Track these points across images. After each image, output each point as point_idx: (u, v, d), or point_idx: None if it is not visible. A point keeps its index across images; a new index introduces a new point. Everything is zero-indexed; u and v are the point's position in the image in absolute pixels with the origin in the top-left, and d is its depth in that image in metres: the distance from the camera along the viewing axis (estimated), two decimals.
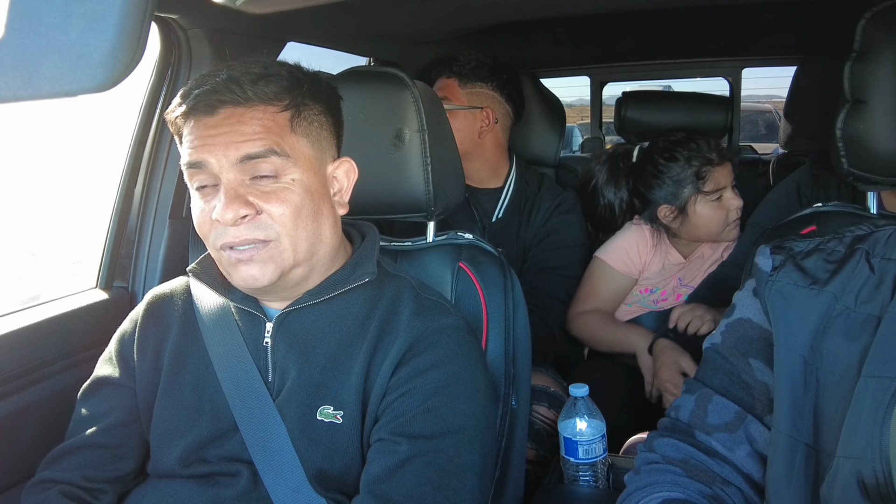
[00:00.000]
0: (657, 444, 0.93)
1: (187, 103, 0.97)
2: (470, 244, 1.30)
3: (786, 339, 0.83)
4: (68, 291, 1.45)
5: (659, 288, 1.95)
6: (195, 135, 0.97)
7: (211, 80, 0.96)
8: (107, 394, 1.10)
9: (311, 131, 1.01)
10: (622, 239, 1.98)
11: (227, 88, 0.95)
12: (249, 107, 0.96)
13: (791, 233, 1.24)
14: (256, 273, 0.97)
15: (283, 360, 1.04)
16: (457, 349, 1.03)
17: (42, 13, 0.54)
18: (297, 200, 0.98)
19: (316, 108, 1.03)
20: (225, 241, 0.97)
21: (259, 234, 0.96)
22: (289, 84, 0.99)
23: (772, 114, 7.85)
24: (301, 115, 1.00)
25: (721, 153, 1.86)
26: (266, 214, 0.96)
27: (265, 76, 0.97)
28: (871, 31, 1.09)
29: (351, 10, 1.57)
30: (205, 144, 0.96)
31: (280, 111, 0.98)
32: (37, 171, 4.10)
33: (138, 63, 0.58)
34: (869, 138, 1.11)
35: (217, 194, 0.96)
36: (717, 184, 1.84)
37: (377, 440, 0.99)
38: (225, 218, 0.94)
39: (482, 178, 1.97)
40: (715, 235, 1.89)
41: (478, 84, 1.92)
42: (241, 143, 0.95)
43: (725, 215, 1.86)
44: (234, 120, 0.95)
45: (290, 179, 0.97)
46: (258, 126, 0.96)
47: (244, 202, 0.95)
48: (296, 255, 0.99)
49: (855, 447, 0.73)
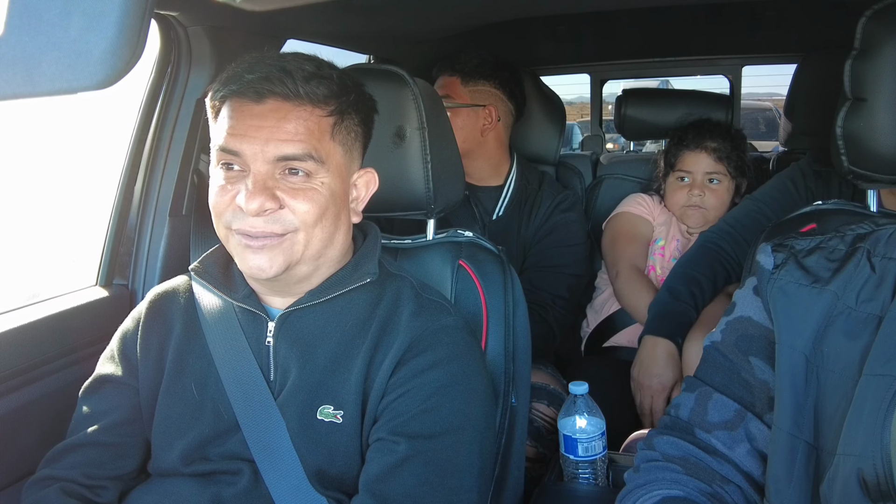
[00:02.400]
0: (657, 441, 0.93)
1: (236, 85, 0.95)
2: (470, 242, 1.30)
3: (788, 337, 0.83)
4: (67, 290, 1.46)
5: (662, 240, 2.00)
6: (236, 120, 0.96)
7: (263, 67, 0.95)
8: (108, 392, 1.10)
9: (347, 140, 1.02)
10: (631, 195, 2.12)
11: (279, 80, 0.94)
12: (297, 104, 0.96)
13: (791, 230, 1.23)
14: (264, 264, 0.97)
15: (285, 360, 1.04)
16: (456, 349, 1.03)
17: (42, 10, 0.54)
18: (322, 202, 0.98)
19: (356, 118, 1.03)
20: (240, 227, 0.97)
21: (277, 227, 0.96)
22: (338, 89, 0.99)
23: (772, 112, 7.85)
24: (343, 123, 1.00)
25: (699, 143, 1.95)
26: (288, 210, 0.96)
27: (317, 76, 0.97)
28: (871, 29, 1.09)
29: (351, 8, 1.56)
30: (245, 135, 0.95)
31: (325, 115, 0.98)
32: (37, 169, 4.10)
33: (138, 60, 0.58)
34: (869, 136, 1.11)
35: (244, 179, 0.96)
36: (683, 165, 1.98)
37: (376, 440, 0.99)
38: (249, 207, 0.94)
39: (483, 175, 1.97)
40: (675, 210, 2.00)
41: (480, 82, 1.92)
42: (281, 142, 0.94)
43: (686, 197, 1.96)
44: (280, 115, 0.95)
45: (320, 182, 0.98)
46: (302, 127, 0.95)
47: (271, 195, 0.95)
48: (306, 251, 0.99)
49: (856, 445, 0.73)
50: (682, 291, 1.73)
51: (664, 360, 1.68)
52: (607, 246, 2.04)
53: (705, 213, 1.95)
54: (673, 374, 1.68)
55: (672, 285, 1.75)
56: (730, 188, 1.96)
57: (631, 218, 2.04)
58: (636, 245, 1.99)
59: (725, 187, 1.96)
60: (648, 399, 1.69)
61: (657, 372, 1.67)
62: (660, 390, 1.68)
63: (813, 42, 2.30)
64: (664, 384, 1.68)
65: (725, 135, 1.96)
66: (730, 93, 2.90)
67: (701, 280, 1.72)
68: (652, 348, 1.70)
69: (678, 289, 1.73)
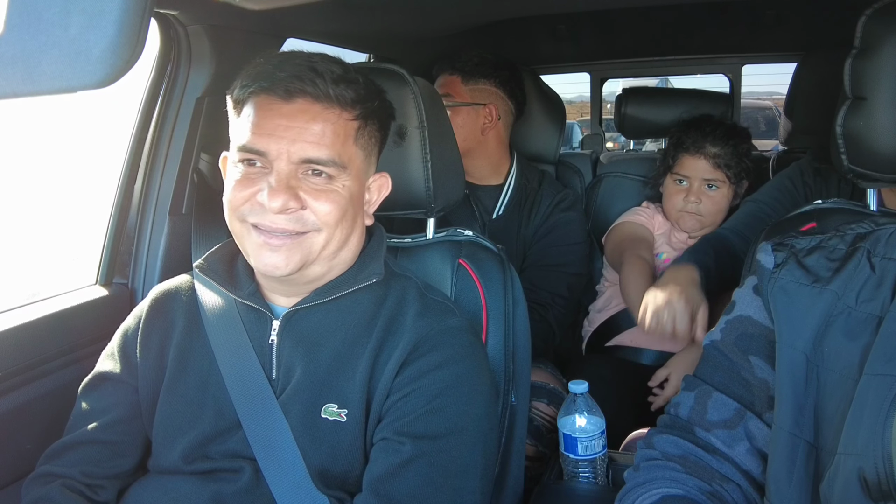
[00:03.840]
0: (656, 440, 0.93)
1: (267, 82, 0.95)
2: (470, 241, 1.30)
3: (788, 336, 0.83)
4: (68, 288, 1.46)
5: (664, 254, 1.99)
6: (262, 118, 0.95)
7: (293, 66, 0.95)
8: (108, 390, 1.11)
9: (368, 145, 1.03)
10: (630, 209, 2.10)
11: (311, 79, 0.94)
12: (326, 106, 0.96)
13: (791, 229, 1.23)
14: (280, 262, 0.97)
15: (289, 358, 1.04)
16: (461, 350, 1.03)
17: (42, 9, 0.54)
18: (343, 203, 0.99)
19: (377, 123, 1.04)
20: (260, 222, 0.97)
21: (298, 226, 0.97)
22: (365, 94, 0.99)
23: (772, 110, 7.86)
24: (366, 128, 1.01)
25: (699, 147, 1.90)
26: (310, 210, 0.97)
27: (345, 79, 0.97)
28: (871, 28, 1.09)
29: (351, 7, 1.56)
30: (272, 134, 0.95)
31: (352, 119, 0.98)
32: (37, 168, 4.10)
33: (138, 59, 0.58)
34: (869, 135, 1.11)
35: (266, 177, 0.96)
36: (681, 169, 1.94)
37: (381, 439, 0.99)
38: (272, 205, 0.94)
39: (483, 174, 1.97)
40: (672, 214, 1.98)
41: (480, 81, 1.92)
42: (308, 144, 0.94)
43: (682, 202, 1.93)
44: (309, 116, 0.95)
45: (342, 185, 0.99)
46: (329, 129, 0.96)
47: (294, 195, 0.95)
48: (324, 251, 1.00)
49: (857, 444, 0.73)
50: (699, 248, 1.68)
51: (687, 280, 1.53)
52: (611, 252, 2.01)
53: (702, 219, 1.94)
54: (697, 294, 1.49)
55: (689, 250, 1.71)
56: (728, 194, 1.93)
57: (632, 226, 2.03)
58: (641, 244, 1.96)
59: (723, 194, 1.92)
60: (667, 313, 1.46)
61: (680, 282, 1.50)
62: (683, 302, 1.46)
63: (813, 41, 2.30)
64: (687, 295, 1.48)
65: (727, 138, 1.90)
66: (730, 92, 2.90)
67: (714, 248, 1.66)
68: (673, 272, 1.58)
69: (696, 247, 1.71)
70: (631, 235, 2.00)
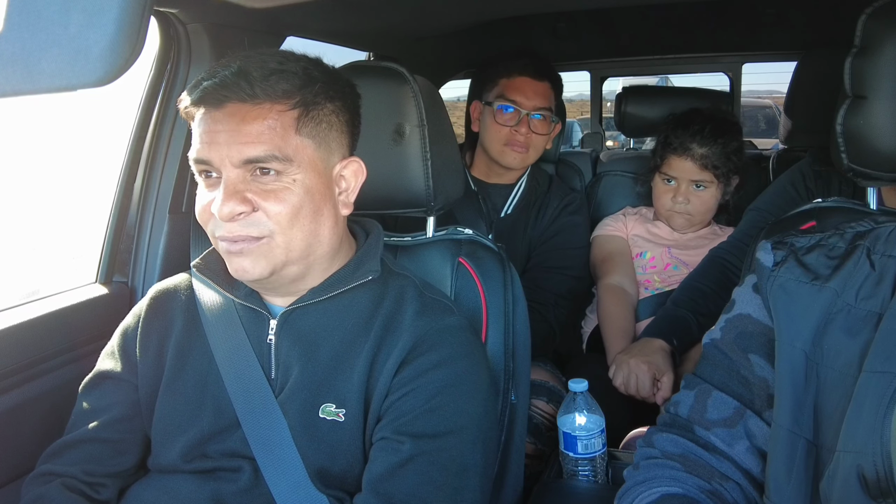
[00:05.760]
0: (656, 439, 0.93)
1: (196, 95, 0.96)
2: (469, 239, 1.30)
3: (788, 334, 0.83)
4: (68, 286, 1.46)
5: (648, 252, 1.99)
6: (202, 129, 0.96)
7: (221, 73, 0.95)
8: (108, 388, 1.11)
9: (318, 132, 1.00)
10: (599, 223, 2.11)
11: (234, 83, 0.94)
12: (256, 104, 0.95)
13: (791, 228, 1.23)
14: (247, 266, 0.97)
15: (287, 358, 1.04)
16: (460, 349, 1.03)
17: (41, 7, 0.54)
18: (296, 201, 0.97)
19: (328, 107, 1.01)
20: (220, 234, 0.98)
21: (252, 230, 0.96)
22: (301, 82, 0.97)
23: (772, 109, 7.85)
24: (309, 115, 0.98)
25: (685, 148, 1.88)
26: (262, 212, 0.96)
27: (277, 72, 0.96)
28: (871, 27, 1.09)
29: (350, 5, 1.56)
30: (210, 142, 0.95)
31: (287, 109, 0.96)
32: (37, 167, 4.10)
33: (138, 57, 0.58)
34: (869, 134, 1.11)
35: (220, 186, 0.96)
36: (668, 169, 1.93)
37: (380, 439, 0.99)
38: (221, 213, 0.94)
39: (498, 172, 1.97)
40: (662, 212, 1.98)
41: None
42: (242, 146, 0.94)
43: (671, 202, 1.93)
44: (239, 118, 0.94)
45: (292, 180, 0.97)
46: (263, 126, 0.95)
47: (241, 199, 0.94)
48: (289, 253, 0.98)
49: (856, 442, 0.73)
50: (683, 299, 1.73)
51: (655, 350, 1.63)
52: (591, 269, 2.04)
53: (691, 217, 1.95)
54: (663, 363, 1.59)
55: (675, 296, 1.77)
56: (717, 193, 1.92)
57: (601, 241, 2.04)
58: (611, 263, 1.97)
59: (712, 193, 1.91)
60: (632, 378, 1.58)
61: (647, 353, 1.60)
62: (645, 369, 1.57)
63: (813, 39, 2.30)
64: (652, 363, 1.58)
65: (715, 137, 1.86)
66: (730, 90, 2.90)
67: (704, 289, 1.72)
68: (645, 342, 1.67)
69: (679, 297, 1.75)
70: (602, 254, 2.00)
